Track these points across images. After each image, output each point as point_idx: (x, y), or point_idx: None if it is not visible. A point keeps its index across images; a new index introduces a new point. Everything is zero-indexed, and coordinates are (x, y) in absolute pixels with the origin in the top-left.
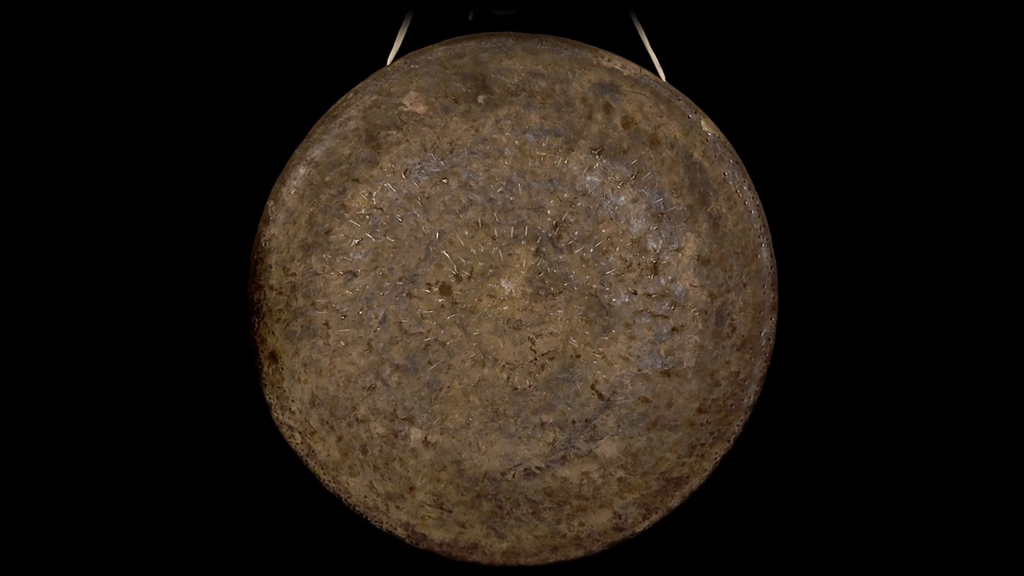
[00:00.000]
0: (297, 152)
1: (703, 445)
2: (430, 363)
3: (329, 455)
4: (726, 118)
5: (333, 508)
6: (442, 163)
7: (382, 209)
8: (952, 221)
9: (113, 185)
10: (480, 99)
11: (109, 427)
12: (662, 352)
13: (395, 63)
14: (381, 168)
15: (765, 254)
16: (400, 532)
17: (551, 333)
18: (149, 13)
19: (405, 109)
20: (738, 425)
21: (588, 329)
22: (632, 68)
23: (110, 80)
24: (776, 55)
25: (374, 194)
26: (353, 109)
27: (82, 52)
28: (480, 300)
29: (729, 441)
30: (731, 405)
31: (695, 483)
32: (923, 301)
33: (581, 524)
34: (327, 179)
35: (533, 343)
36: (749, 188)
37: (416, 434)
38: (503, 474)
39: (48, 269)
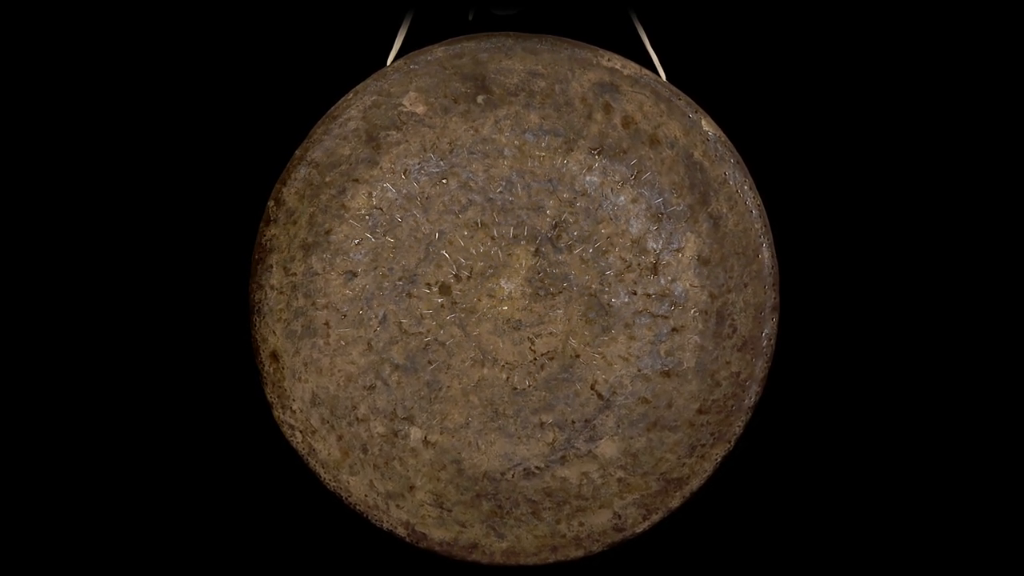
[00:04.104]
0: (298, 152)
1: (703, 446)
2: (430, 363)
3: (330, 454)
4: (726, 118)
5: (334, 507)
6: (442, 163)
7: (382, 209)
8: (952, 221)
9: (115, 186)
10: (479, 99)
11: (111, 426)
12: (662, 352)
13: (395, 63)
14: (381, 168)
15: (766, 254)
16: (400, 531)
17: (551, 333)
18: (149, 14)
19: (405, 109)
20: (739, 426)
21: (588, 329)
22: (632, 68)
23: (112, 81)
24: (776, 55)
25: (374, 194)
26: (353, 109)
27: (83, 53)
28: (480, 300)
29: (730, 442)
30: (732, 406)
31: (695, 484)
32: (924, 301)
33: (581, 524)
34: (327, 179)
35: (533, 343)
36: (750, 188)
37: (416, 433)
38: (503, 474)
39: (49, 269)
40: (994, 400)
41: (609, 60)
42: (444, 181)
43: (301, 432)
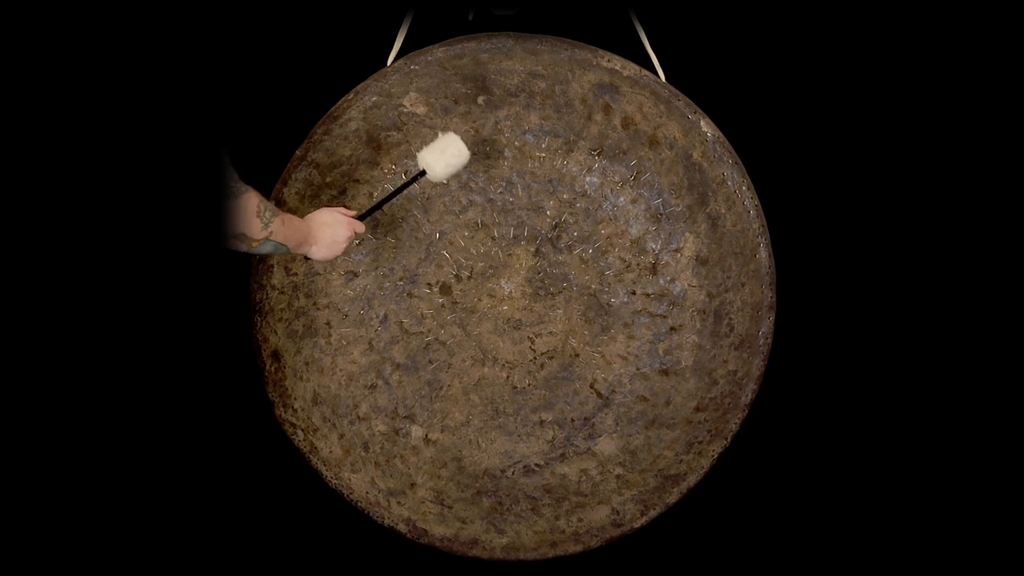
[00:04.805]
0: (298, 152)
1: (700, 443)
2: (431, 362)
3: (331, 452)
4: (726, 118)
5: (335, 504)
6: None
7: (383, 210)
8: (952, 221)
9: (115, 186)
10: (480, 100)
11: (111, 426)
12: (660, 351)
13: (395, 64)
14: (381, 169)
15: (763, 254)
16: (401, 527)
17: (550, 333)
18: (148, 13)
19: (405, 110)
20: (735, 423)
21: (587, 329)
22: (632, 68)
23: (110, 80)
24: (776, 55)
25: (375, 195)
26: (354, 110)
27: (81, 52)
28: (480, 300)
29: (726, 439)
30: (729, 403)
31: (692, 480)
32: (922, 300)
33: (580, 520)
34: (328, 179)
35: (532, 342)
36: (748, 188)
37: (417, 432)
38: (503, 471)
39: (49, 268)
40: (991, 398)
41: (609, 61)
42: (444, 182)
43: (303, 430)
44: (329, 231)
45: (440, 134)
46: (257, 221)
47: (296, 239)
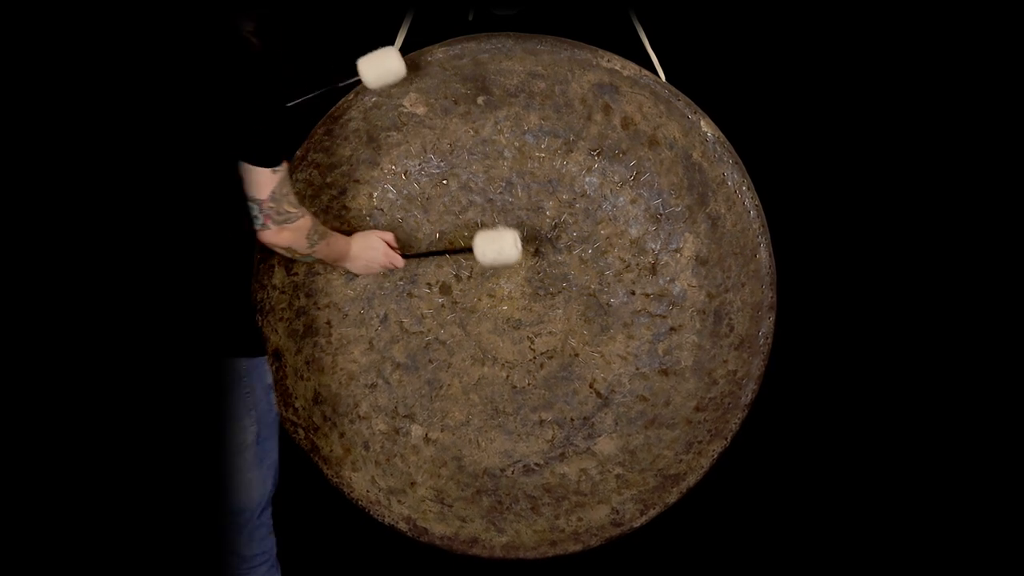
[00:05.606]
0: (299, 153)
1: (700, 443)
2: (431, 361)
3: (332, 451)
4: (726, 118)
5: (336, 502)
6: (442, 164)
7: (383, 210)
8: (951, 221)
9: (116, 186)
10: (480, 100)
11: (112, 425)
12: (660, 351)
13: None
14: (381, 169)
15: (764, 254)
16: (402, 526)
17: (550, 332)
18: (149, 12)
19: (405, 110)
20: (735, 423)
21: (587, 328)
22: (632, 68)
23: (111, 81)
24: (776, 55)
25: (375, 195)
26: (354, 110)
27: (82, 53)
28: (480, 300)
29: (726, 439)
30: (728, 403)
31: (692, 480)
32: (921, 300)
33: (579, 519)
34: (328, 180)
35: (532, 342)
36: (748, 188)
37: (417, 431)
38: (503, 470)
39: (50, 268)
40: (990, 397)
41: (609, 61)
42: (444, 182)
43: (304, 429)
44: (367, 254)
45: (500, 229)
46: (305, 242)
47: (334, 256)
